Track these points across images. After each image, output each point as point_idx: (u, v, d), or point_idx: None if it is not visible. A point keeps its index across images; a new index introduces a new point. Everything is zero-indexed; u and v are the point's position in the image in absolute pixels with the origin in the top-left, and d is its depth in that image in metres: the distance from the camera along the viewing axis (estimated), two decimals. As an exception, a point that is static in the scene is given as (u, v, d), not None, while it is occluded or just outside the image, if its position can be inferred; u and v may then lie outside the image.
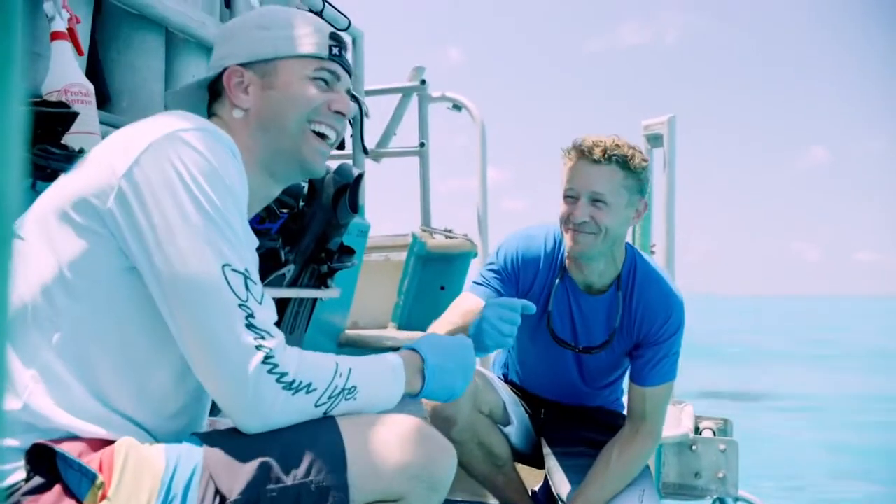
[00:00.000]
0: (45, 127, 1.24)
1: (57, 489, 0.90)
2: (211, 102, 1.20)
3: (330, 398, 1.01)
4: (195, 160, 0.96)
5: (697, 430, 2.75)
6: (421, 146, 3.74)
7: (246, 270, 0.97)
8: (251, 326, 0.95)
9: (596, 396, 2.02)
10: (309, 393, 0.98)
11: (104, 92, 1.78)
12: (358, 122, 2.80)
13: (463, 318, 1.69)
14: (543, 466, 1.97)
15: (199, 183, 0.96)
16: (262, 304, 0.97)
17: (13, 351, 0.95)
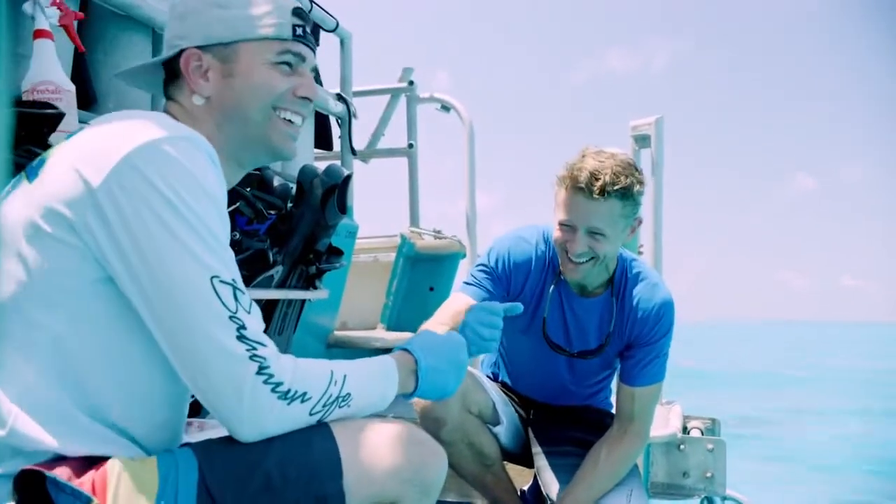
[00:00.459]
0: (29, 128, 1.22)
1: None
2: (167, 83, 1.13)
3: (325, 406, 1.00)
4: (175, 172, 0.93)
5: (685, 429, 2.77)
6: (409, 147, 3.74)
7: (233, 280, 0.95)
8: (242, 338, 0.93)
9: (585, 397, 2.02)
10: (304, 402, 0.97)
11: (90, 93, 1.77)
12: (346, 123, 2.80)
13: (453, 318, 1.68)
14: (532, 466, 1.97)
15: (180, 195, 0.92)
16: (250, 313, 0.96)
17: None
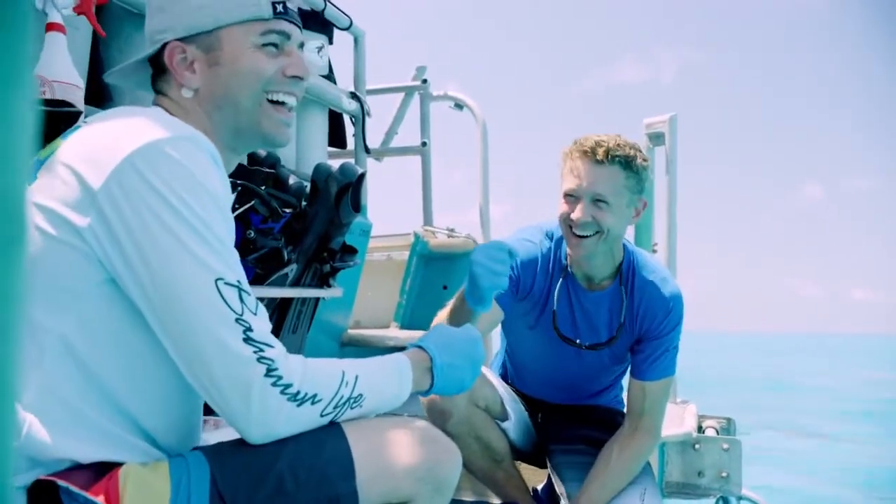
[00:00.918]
0: (49, 127, 1.23)
1: None
2: (155, 78, 1.12)
3: (336, 408, 0.99)
4: (177, 174, 0.92)
5: (700, 428, 2.75)
6: (423, 145, 3.74)
7: (238, 282, 0.94)
8: (249, 340, 0.92)
9: (594, 394, 2.02)
10: (314, 404, 0.97)
11: (106, 90, 1.77)
12: (360, 121, 2.80)
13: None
14: (545, 465, 1.96)
15: (182, 198, 0.91)
16: (257, 314, 0.95)
17: None
